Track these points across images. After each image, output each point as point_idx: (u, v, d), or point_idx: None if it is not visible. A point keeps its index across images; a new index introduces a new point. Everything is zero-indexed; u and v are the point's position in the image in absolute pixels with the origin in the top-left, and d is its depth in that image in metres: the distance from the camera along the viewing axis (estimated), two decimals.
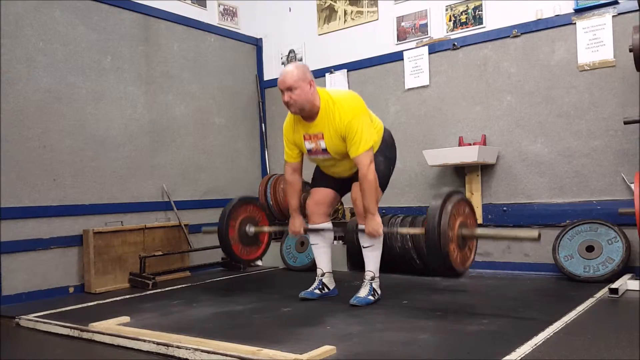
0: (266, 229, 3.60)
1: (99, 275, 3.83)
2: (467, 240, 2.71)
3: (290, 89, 2.88)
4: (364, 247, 3.11)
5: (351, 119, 2.87)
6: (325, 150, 3.00)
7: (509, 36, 4.05)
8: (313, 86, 2.93)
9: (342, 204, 4.62)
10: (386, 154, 3.13)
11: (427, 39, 4.44)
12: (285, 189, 3.29)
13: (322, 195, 3.22)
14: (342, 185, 3.22)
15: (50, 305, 3.30)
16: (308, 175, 3.38)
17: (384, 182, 3.10)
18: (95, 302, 3.42)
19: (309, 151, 3.08)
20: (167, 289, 3.80)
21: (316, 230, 3.23)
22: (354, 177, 3.04)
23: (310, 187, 3.33)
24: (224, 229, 3.44)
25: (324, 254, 3.28)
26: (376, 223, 2.93)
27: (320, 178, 3.26)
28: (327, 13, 5.02)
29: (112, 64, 4.17)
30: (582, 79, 3.78)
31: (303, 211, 3.33)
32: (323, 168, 3.22)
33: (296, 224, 3.24)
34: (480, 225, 4.10)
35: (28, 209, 3.61)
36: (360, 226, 3.12)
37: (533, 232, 2.55)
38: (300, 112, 2.96)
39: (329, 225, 3.28)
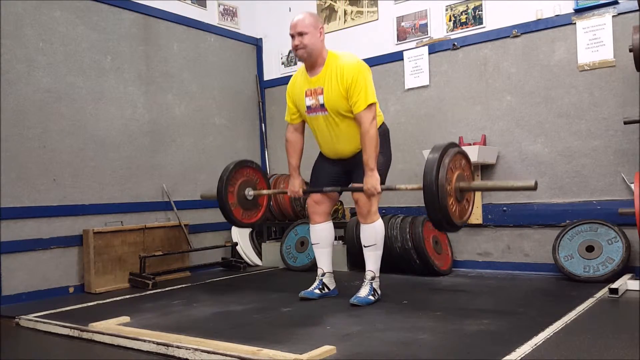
0: (264, 192, 3.58)
1: (99, 275, 3.83)
2: (465, 193, 2.70)
3: (301, 33, 2.97)
4: (365, 247, 3.11)
5: (356, 74, 2.92)
6: (323, 107, 3.01)
7: (509, 36, 4.05)
8: (322, 35, 3.03)
9: (342, 204, 4.63)
10: (382, 151, 3.11)
11: (427, 39, 4.44)
12: (285, 148, 3.29)
13: (321, 194, 3.21)
14: (340, 183, 3.20)
15: (50, 305, 3.30)
16: (308, 176, 3.37)
17: (382, 180, 3.09)
18: (95, 302, 3.42)
19: (309, 108, 3.07)
20: (167, 289, 3.80)
21: (315, 192, 3.19)
22: (356, 160, 3.02)
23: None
24: (223, 196, 3.40)
25: (324, 253, 3.28)
26: (375, 179, 2.93)
27: (319, 177, 3.24)
28: (327, 13, 5.02)
29: (112, 64, 4.17)
30: (582, 79, 3.78)
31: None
32: (324, 145, 3.16)
33: (295, 184, 3.24)
34: (480, 226, 4.11)
35: (28, 209, 3.61)
36: (362, 226, 3.11)
37: (529, 182, 2.54)
38: (307, 59, 3.02)
39: (329, 223, 3.28)
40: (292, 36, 3.01)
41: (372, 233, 3.07)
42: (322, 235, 3.25)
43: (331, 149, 3.15)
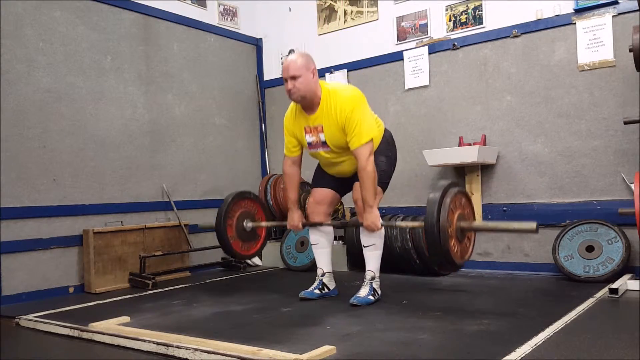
0: (263, 224, 3.58)
1: (99, 275, 3.83)
2: (466, 232, 2.72)
3: (294, 77, 2.90)
4: (364, 247, 3.10)
5: (351, 111, 2.88)
6: (325, 144, 3.00)
7: (509, 36, 4.05)
8: (316, 75, 2.96)
9: (342, 204, 4.62)
10: (387, 154, 3.13)
11: (427, 39, 4.44)
12: (284, 181, 3.27)
13: (322, 195, 3.22)
14: (343, 185, 3.22)
15: (50, 305, 3.30)
16: (308, 176, 3.38)
17: (385, 182, 3.10)
18: (95, 302, 3.42)
19: (310, 144, 3.06)
20: (167, 289, 3.80)
21: (315, 225, 3.22)
22: (356, 176, 3.04)
23: (311, 187, 3.33)
24: (222, 230, 3.41)
25: (324, 254, 3.28)
26: (374, 216, 2.92)
27: (321, 178, 3.26)
28: (327, 13, 5.02)
29: (112, 64, 4.17)
30: (582, 79, 3.77)
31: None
32: (325, 167, 3.21)
33: (295, 218, 3.22)
34: None
35: (28, 209, 3.61)
36: (362, 226, 3.11)
37: (531, 224, 2.54)
38: (301, 101, 2.97)
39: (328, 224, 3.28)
40: (285, 80, 2.94)
41: (372, 233, 3.07)
42: (321, 234, 3.25)
43: (333, 170, 3.17)
